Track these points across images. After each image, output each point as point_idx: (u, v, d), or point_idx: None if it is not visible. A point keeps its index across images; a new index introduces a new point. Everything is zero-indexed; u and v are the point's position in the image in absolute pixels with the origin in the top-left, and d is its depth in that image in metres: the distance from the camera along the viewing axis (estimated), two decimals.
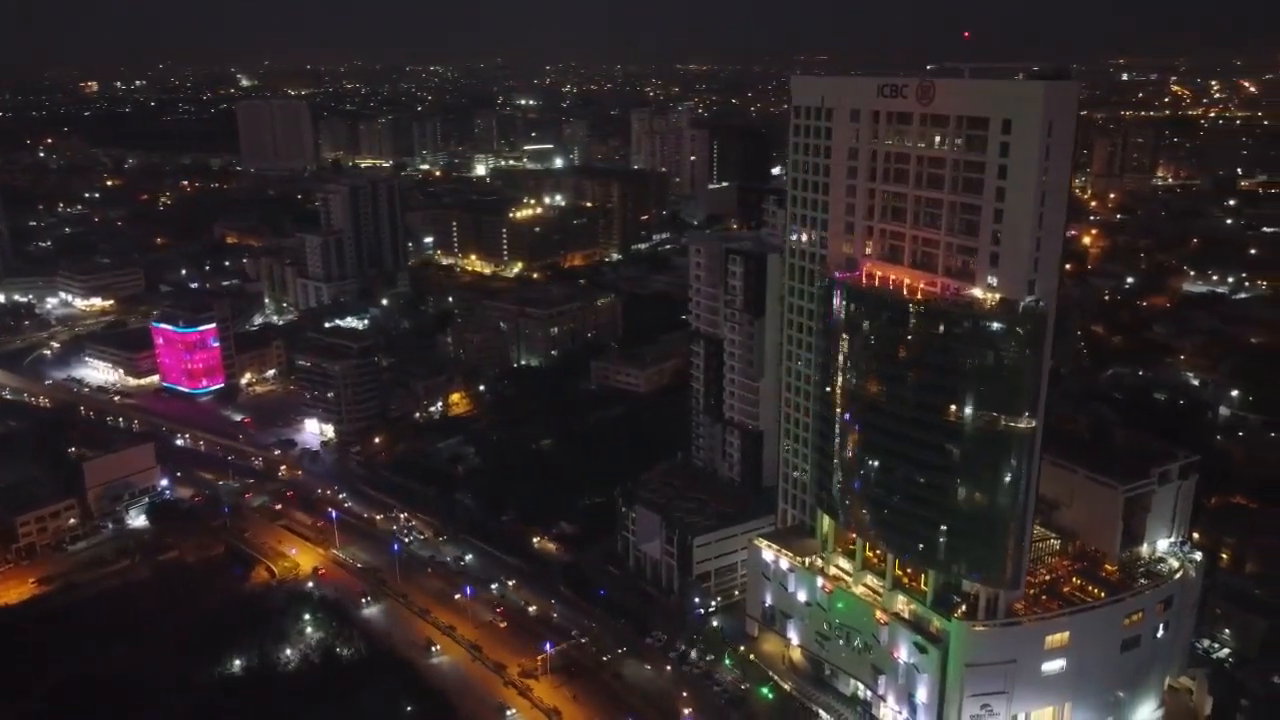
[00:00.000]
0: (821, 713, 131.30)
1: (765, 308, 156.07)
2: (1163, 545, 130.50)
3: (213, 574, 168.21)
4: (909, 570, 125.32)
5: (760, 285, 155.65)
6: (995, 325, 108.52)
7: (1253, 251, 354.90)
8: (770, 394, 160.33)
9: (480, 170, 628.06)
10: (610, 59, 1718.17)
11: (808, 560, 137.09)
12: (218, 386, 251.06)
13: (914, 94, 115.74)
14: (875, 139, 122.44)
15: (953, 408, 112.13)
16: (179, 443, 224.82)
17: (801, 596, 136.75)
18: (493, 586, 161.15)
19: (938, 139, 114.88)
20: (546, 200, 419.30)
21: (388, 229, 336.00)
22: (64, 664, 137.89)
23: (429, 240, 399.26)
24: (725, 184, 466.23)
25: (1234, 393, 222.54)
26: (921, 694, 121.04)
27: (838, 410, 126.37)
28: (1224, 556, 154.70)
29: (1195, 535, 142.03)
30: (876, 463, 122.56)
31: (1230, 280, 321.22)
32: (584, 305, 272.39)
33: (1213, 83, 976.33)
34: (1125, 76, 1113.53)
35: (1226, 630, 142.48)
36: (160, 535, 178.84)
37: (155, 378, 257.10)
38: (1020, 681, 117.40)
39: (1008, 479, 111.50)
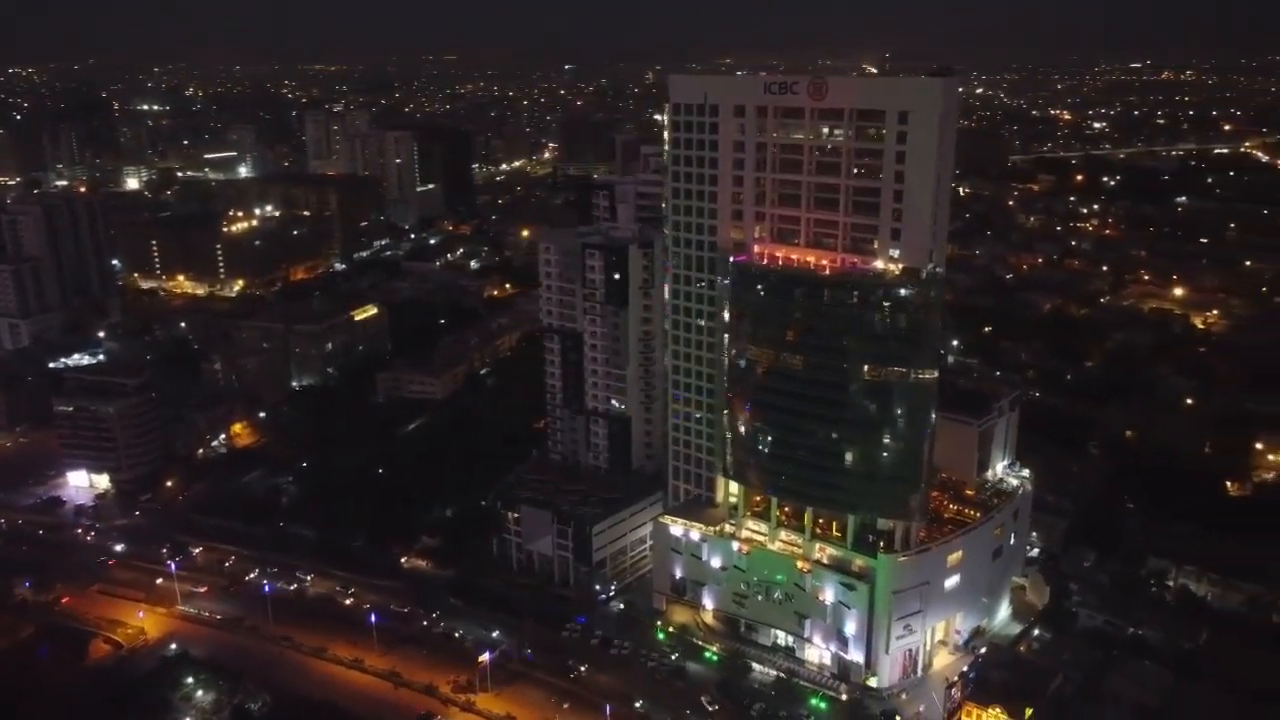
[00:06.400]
0: (754, 665, 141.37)
1: (629, 299, 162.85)
2: (1000, 468, 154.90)
3: (32, 658, 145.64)
4: (823, 521, 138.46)
5: (623, 277, 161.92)
6: (903, 292, 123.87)
7: None
8: (635, 380, 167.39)
9: (133, 183, 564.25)
10: (226, 60, 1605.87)
11: (718, 528, 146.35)
12: None
13: (805, 91, 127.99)
14: (762, 133, 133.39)
15: (866, 368, 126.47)
16: None
17: (716, 563, 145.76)
18: (365, 607, 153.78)
19: (827, 130, 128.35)
20: (257, 211, 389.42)
21: (91, 253, 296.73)
22: None
23: (115, 263, 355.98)
24: (431, 186, 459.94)
25: (955, 342, 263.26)
26: (851, 627, 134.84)
27: (748, 383, 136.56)
28: None
29: None
30: (791, 427, 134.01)
31: None
32: (351, 318, 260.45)
33: None
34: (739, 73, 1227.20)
35: (1034, 533, 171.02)
36: None
37: None
38: (931, 600, 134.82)
39: (918, 425, 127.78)
